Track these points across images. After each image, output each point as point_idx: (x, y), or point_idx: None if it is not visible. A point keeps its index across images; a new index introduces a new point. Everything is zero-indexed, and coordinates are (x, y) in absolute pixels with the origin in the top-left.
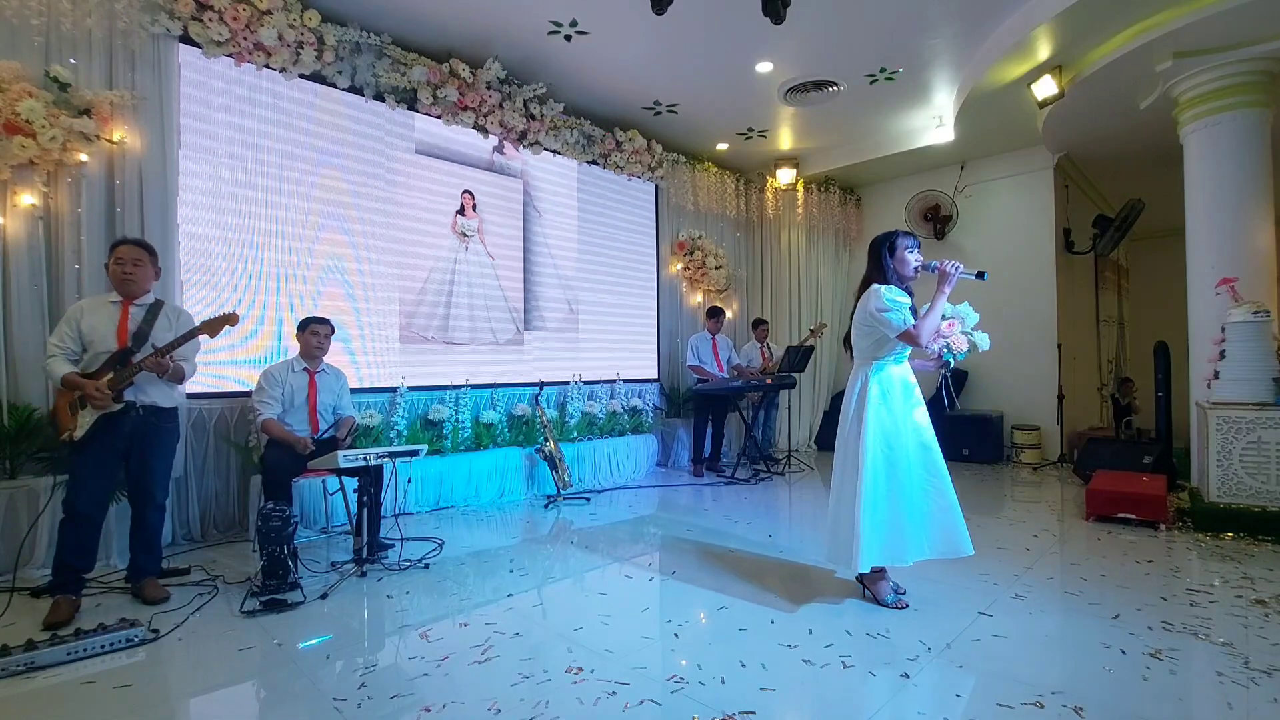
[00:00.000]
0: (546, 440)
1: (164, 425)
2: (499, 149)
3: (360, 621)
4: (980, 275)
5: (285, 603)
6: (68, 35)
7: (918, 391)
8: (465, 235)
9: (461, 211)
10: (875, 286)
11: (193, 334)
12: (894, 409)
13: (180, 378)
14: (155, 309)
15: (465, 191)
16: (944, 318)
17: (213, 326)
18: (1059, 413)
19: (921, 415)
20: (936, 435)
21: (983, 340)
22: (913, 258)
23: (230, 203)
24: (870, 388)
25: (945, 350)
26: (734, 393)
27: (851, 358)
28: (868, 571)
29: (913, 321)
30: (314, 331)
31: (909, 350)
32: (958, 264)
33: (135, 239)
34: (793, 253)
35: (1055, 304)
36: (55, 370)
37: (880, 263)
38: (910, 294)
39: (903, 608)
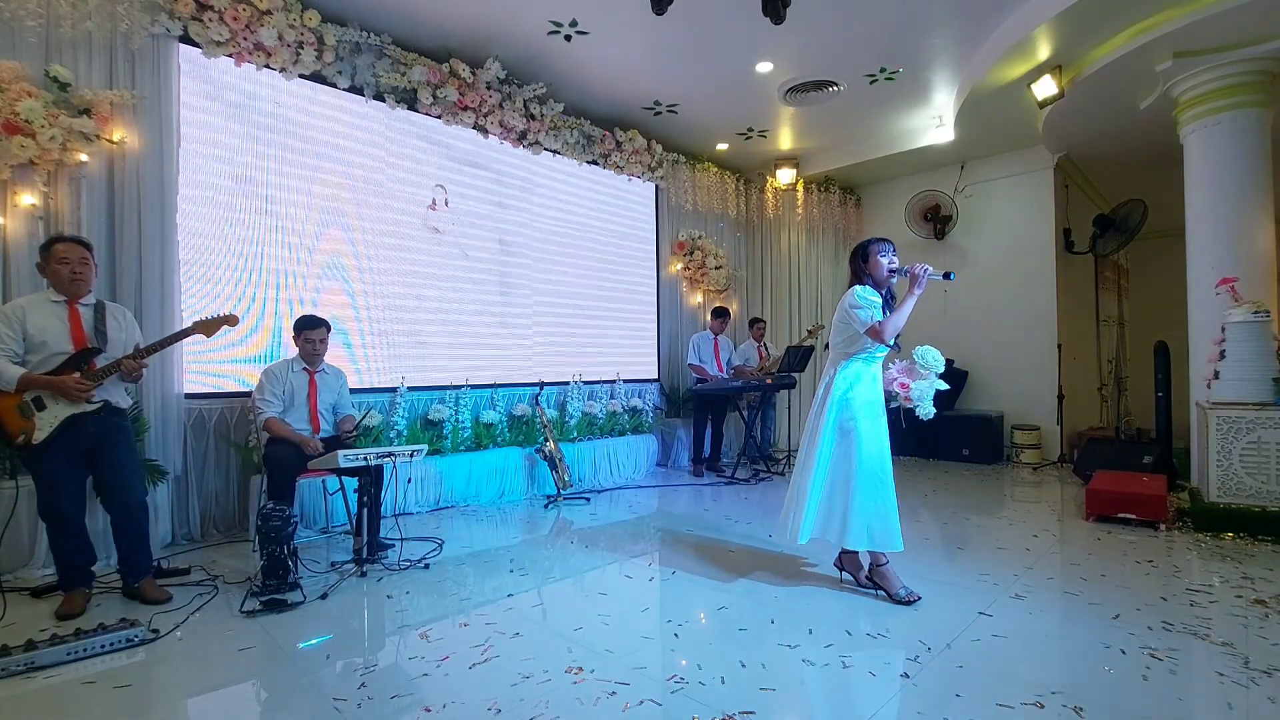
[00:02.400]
0: (546, 440)
1: (123, 424)
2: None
3: (360, 621)
4: (947, 275)
5: (285, 603)
6: (67, 35)
7: (882, 391)
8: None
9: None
10: (852, 287)
11: (186, 333)
12: (855, 403)
13: (140, 378)
14: (102, 309)
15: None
16: (923, 369)
17: (209, 326)
18: (1059, 413)
19: (884, 411)
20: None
21: (928, 411)
22: (885, 261)
23: (231, 197)
24: (838, 381)
25: (894, 396)
26: (734, 393)
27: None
28: (805, 542)
29: (880, 318)
30: (307, 338)
31: (881, 352)
32: (926, 266)
33: (73, 236)
34: (793, 253)
35: (1055, 304)
36: (9, 372)
37: (855, 269)
38: (892, 295)
39: (914, 600)
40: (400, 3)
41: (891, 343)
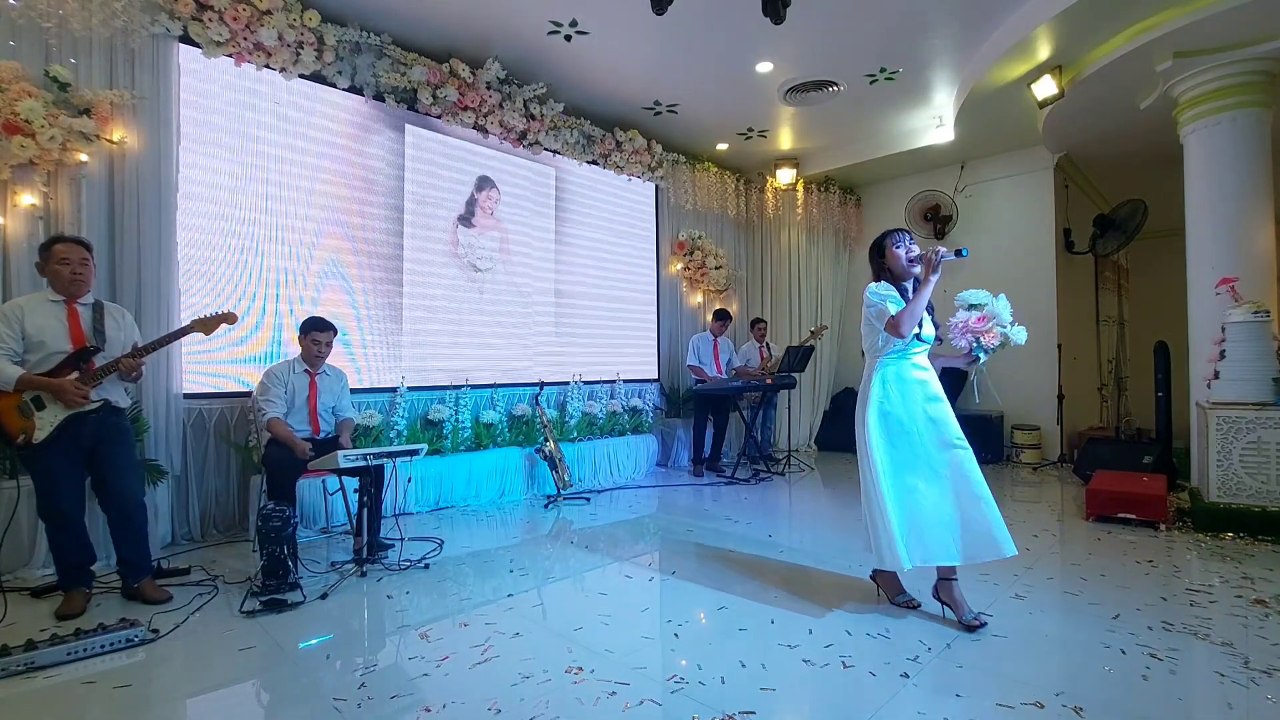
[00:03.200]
0: (546, 440)
1: (123, 424)
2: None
3: (360, 621)
4: (959, 253)
5: (285, 603)
6: (68, 35)
7: (933, 387)
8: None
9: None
10: (868, 286)
11: (184, 332)
12: (896, 405)
13: (140, 377)
14: (100, 309)
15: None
16: (978, 310)
17: (208, 324)
18: (1059, 413)
19: (937, 410)
20: None
21: (1019, 334)
22: (903, 252)
23: (231, 196)
24: (873, 386)
25: (975, 345)
26: (734, 393)
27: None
28: (909, 569)
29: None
30: (315, 340)
31: (920, 347)
32: (939, 248)
33: (73, 236)
34: (793, 253)
35: (1055, 304)
36: (8, 371)
37: (874, 266)
38: (913, 288)
39: (914, 606)
40: (400, 3)
41: (910, 335)
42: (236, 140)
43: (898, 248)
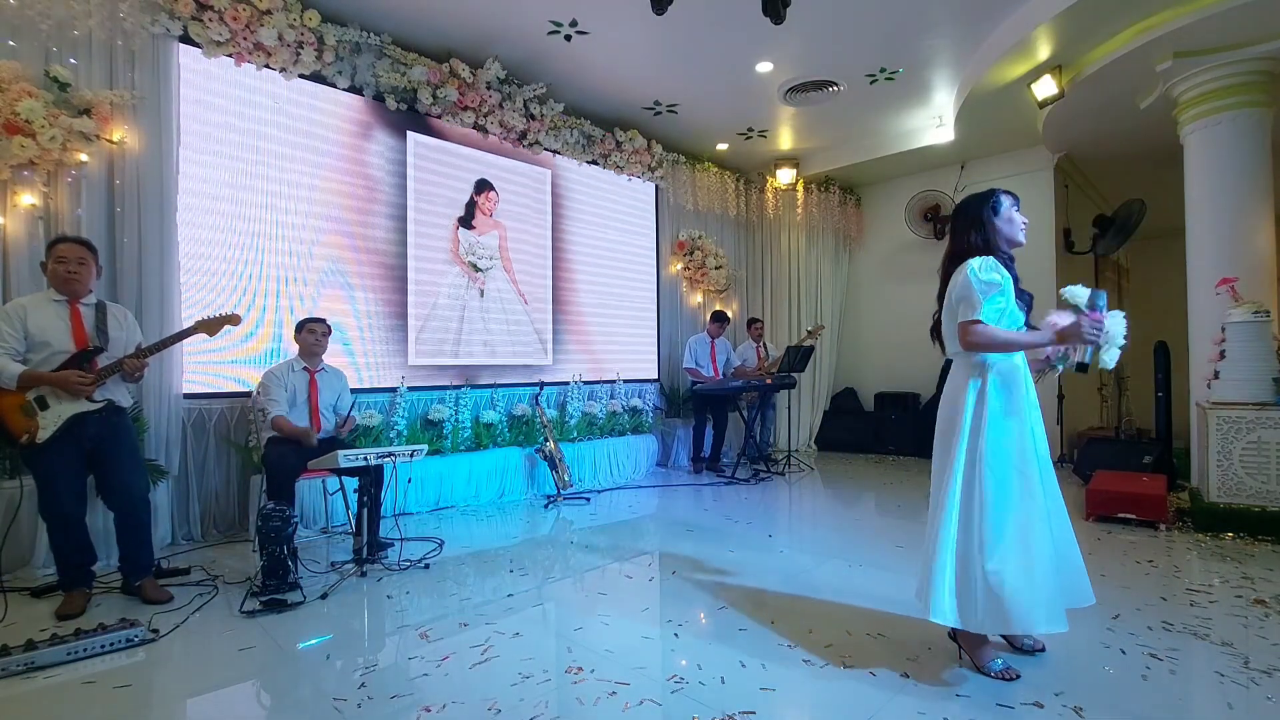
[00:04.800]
0: (546, 440)
1: (125, 423)
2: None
3: (360, 621)
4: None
5: (285, 603)
6: (68, 35)
7: (1034, 390)
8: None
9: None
10: (969, 260)
11: (188, 333)
12: (1010, 413)
13: (142, 378)
14: (103, 309)
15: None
16: (1084, 310)
17: (212, 325)
18: (1059, 413)
19: (1039, 422)
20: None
21: (1115, 347)
22: (1020, 218)
23: (232, 193)
24: (986, 386)
25: (1060, 358)
26: (733, 393)
27: (942, 352)
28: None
29: (1003, 318)
30: (310, 330)
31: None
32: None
33: (75, 236)
34: (793, 253)
35: (1055, 304)
36: (10, 369)
37: (981, 226)
38: (1010, 260)
39: (1012, 678)
40: (400, 3)
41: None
42: (237, 140)
43: (1017, 210)
